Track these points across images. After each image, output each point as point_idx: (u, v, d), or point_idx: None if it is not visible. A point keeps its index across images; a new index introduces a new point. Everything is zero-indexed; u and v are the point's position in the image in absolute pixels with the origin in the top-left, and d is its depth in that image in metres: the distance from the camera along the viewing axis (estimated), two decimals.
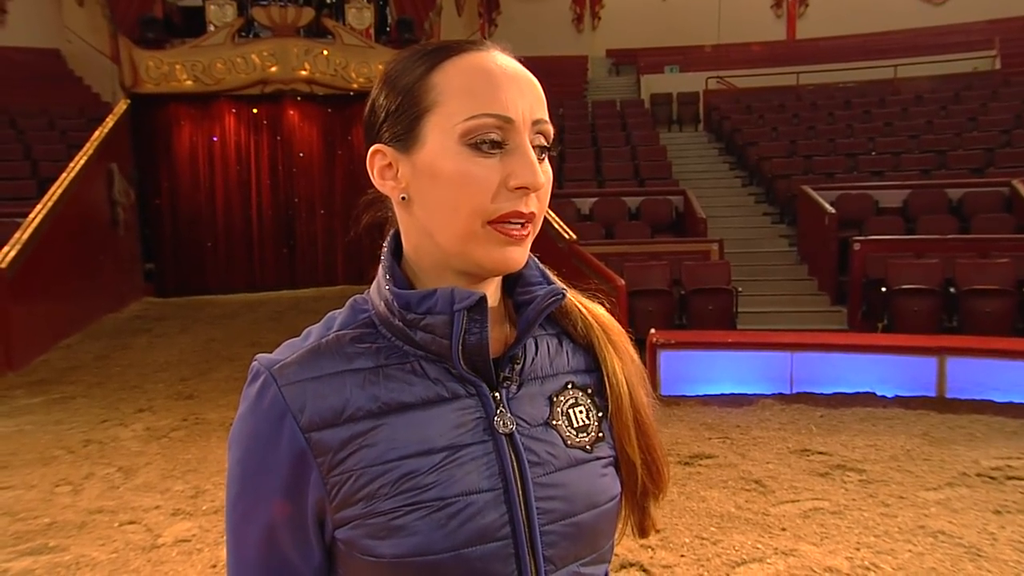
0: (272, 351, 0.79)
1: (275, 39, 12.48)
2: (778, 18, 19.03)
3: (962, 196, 9.87)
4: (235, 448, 0.76)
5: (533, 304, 0.80)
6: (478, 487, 0.73)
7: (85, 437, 5.48)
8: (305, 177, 13.13)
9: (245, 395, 0.77)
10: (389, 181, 0.78)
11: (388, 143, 0.77)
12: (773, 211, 11.43)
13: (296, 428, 0.73)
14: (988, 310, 7.38)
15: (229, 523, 0.77)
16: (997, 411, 5.57)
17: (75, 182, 9.63)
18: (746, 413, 5.76)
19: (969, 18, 17.07)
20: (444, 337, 0.75)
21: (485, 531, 0.72)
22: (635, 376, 0.86)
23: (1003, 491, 4.16)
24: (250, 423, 0.75)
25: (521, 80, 0.75)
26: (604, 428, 0.83)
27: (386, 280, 0.78)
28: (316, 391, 0.74)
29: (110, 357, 8.11)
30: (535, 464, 0.76)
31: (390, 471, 0.72)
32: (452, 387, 0.76)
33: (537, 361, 0.82)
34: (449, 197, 0.73)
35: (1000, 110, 12.60)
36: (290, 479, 0.73)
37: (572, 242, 8.32)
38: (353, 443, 0.73)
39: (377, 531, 0.71)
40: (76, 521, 4.01)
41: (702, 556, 3.47)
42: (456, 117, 0.73)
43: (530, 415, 0.79)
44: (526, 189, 0.73)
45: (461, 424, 0.75)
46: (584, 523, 0.78)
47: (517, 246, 0.75)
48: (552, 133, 0.77)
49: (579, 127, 14.04)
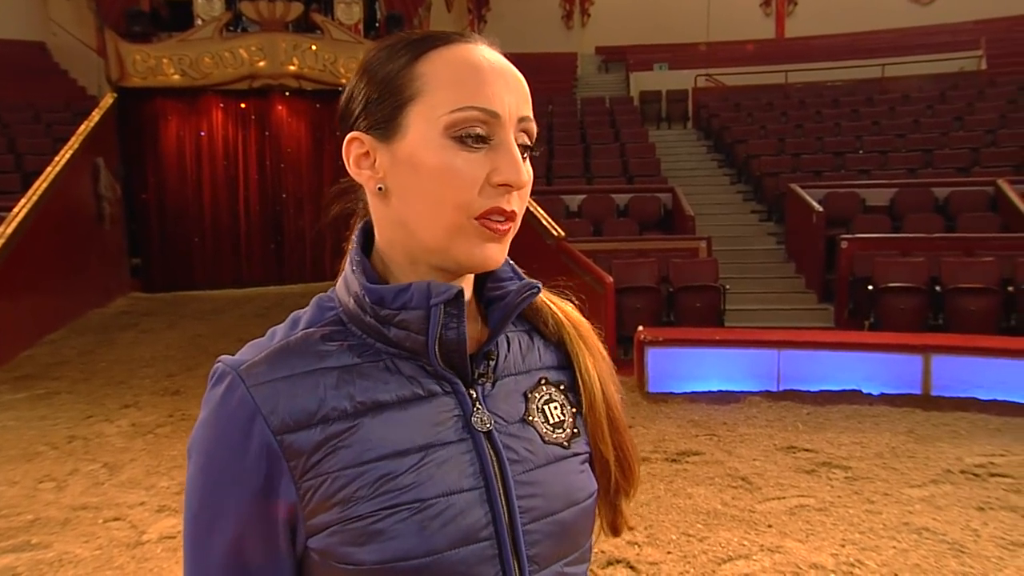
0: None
1: (263, 34, 12.41)
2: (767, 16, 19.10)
3: (948, 195, 9.94)
4: (197, 455, 0.72)
5: (507, 299, 0.78)
6: (459, 487, 0.71)
7: (69, 433, 5.44)
8: (293, 172, 13.07)
9: (208, 398, 0.73)
10: (366, 170, 0.75)
11: (366, 131, 0.75)
12: (761, 209, 11.47)
13: (267, 430, 0.69)
14: (973, 308, 7.44)
15: (189, 536, 0.72)
16: (981, 408, 5.62)
17: (60, 176, 9.54)
18: (733, 410, 5.78)
19: (956, 18, 17.20)
20: (420, 333, 0.72)
21: (467, 532, 0.70)
22: (606, 373, 0.85)
23: (986, 488, 4.19)
24: (215, 427, 0.71)
25: (508, 75, 0.74)
26: (579, 424, 0.81)
27: (356, 275, 0.75)
28: (287, 391, 0.70)
29: (95, 352, 8.06)
30: (515, 462, 0.74)
31: (367, 473, 0.69)
32: (428, 385, 0.74)
33: (510, 358, 0.80)
34: (431, 190, 0.71)
35: (986, 110, 12.70)
36: (260, 486, 0.69)
37: (560, 239, 8.32)
38: (328, 445, 0.69)
39: (355, 537, 0.68)
40: (59, 518, 3.98)
41: (688, 553, 3.48)
42: (441, 108, 0.71)
43: (506, 412, 0.77)
44: (509, 186, 0.71)
45: (439, 423, 0.73)
46: (565, 521, 0.76)
47: (498, 243, 0.73)
48: (535, 132, 0.75)
49: (568, 124, 14.04)
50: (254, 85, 12.37)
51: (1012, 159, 10.98)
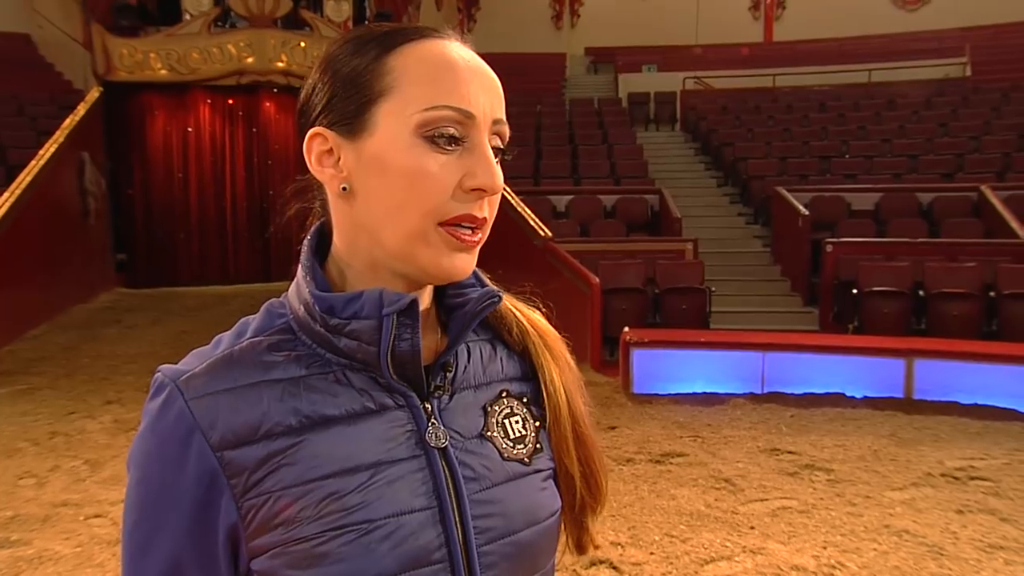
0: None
1: (252, 30, 12.34)
2: (756, 20, 19.20)
3: (932, 200, 10.03)
4: (135, 470, 0.68)
5: (467, 307, 0.74)
6: (410, 506, 0.67)
7: (51, 429, 5.40)
8: (281, 169, 13.00)
9: (146, 410, 0.69)
10: (328, 169, 0.71)
11: (330, 127, 0.70)
12: (748, 212, 11.53)
13: (206, 447, 0.65)
14: (956, 313, 7.51)
15: (126, 552, 0.69)
16: (962, 412, 5.67)
17: (44, 170, 9.46)
18: (717, 412, 5.81)
19: (942, 25, 17.36)
20: (371, 344, 0.68)
21: (418, 554, 0.66)
22: (573, 384, 0.81)
23: (966, 491, 4.23)
24: (152, 442, 0.67)
25: (484, 76, 0.70)
26: (542, 439, 0.77)
27: (306, 281, 0.71)
28: (229, 405, 0.66)
29: (78, 348, 7.99)
30: (470, 479, 0.71)
31: (312, 492, 0.65)
32: (379, 398, 0.70)
33: (470, 369, 0.76)
34: (398, 193, 0.67)
35: (970, 116, 12.82)
36: (198, 504, 0.66)
37: (547, 239, 8.33)
38: (271, 462, 0.66)
39: (299, 560, 0.64)
40: (40, 514, 3.95)
41: (671, 554, 3.50)
42: (413, 106, 0.67)
43: (463, 427, 0.73)
44: (482, 191, 0.68)
45: (390, 438, 0.69)
46: (523, 541, 0.72)
47: (467, 253, 0.69)
48: (508, 136, 0.72)
49: (556, 125, 14.05)
50: (242, 81, 12.31)
51: (995, 166, 11.10)
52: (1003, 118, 12.54)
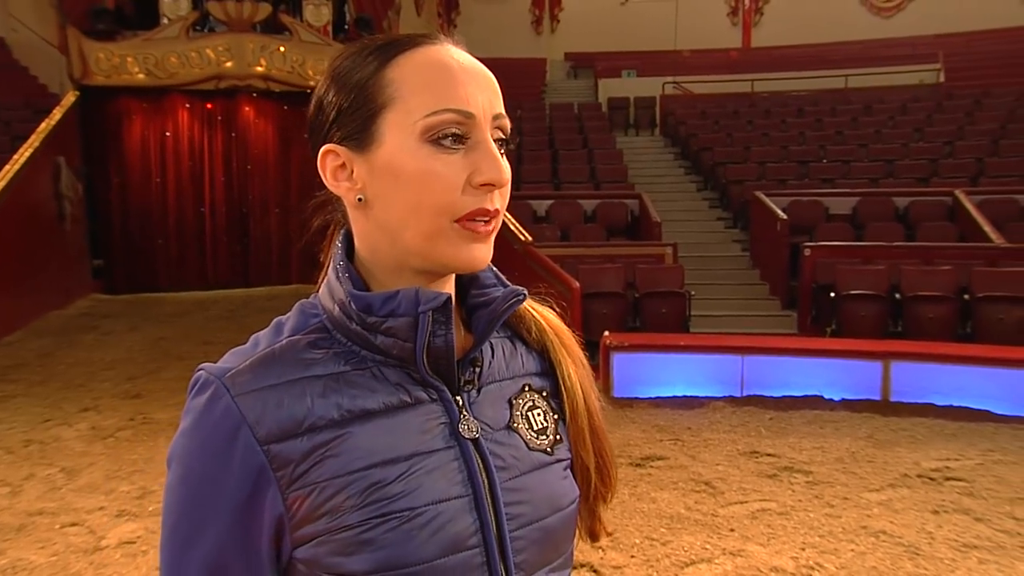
0: (223, 351, 0.75)
1: (230, 34, 12.28)
2: (734, 26, 19.36)
3: (908, 205, 10.14)
4: (178, 466, 0.70)
5: (492, 306, 0.78)
6: (447, 495, 0.71)
7: (26, 437, 5.33)
8: (260, 174, 12.94)
9: (190, 407, 0.71)
10: (344, 183, 0.74)
11: (341, 143, 0.74)
12: (727, 216, 11.60)
13: (253, 441, 0.68)
14: (931, 316, 7.60)
15: (166, 550, 0.70)
16: (938, 414, 5.74)
17: (19, 175, 9.36)
18: (697, 415, 5.84)
19: (916, 32, 17.59)
20: (408, 340, 0.72)
21: (456, 540, 0.70)
22: (587, 380, 0.86)
23: (941, 492, 4.29)
24: (197, 437, 0.69)
25: (479, 74, 0.73)
26: (561, 431, 0.82)
27: (342, 282, 0.74)
28: (274, 400, 0.69)
29: (54, 355, 7.90)
30: (501, 469, 0.75)
31: (356, 482, 0.68)
32: (415, 392, 0.74)
33: (495, 364, 0.81)
34: (412, 196, 0.70)
35: (944, 122, 12.98)
36: (244, 498, 0.68)
37: (528, 244, 8.35)
38: (316, 454, 0.68)
39: (344, 547, 0.67)
40: (14, 524, 3.90)
41: (652, 557, 3.51)
42: (416, 113, 0.70)
43: (492, 419, 0.77)
44: (491, 185, 0.71)
45: (426, 430, 0.73)
46: (550, 527, 0.77)
47: (483, 243, 0.73)
48: (509, 127, 0.75)
49: (536, 129, 14.08)
50: (221, 86, 12.24)
51: (969, 170, 11.24)
52: (976, 123, 12.72)
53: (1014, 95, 13.40)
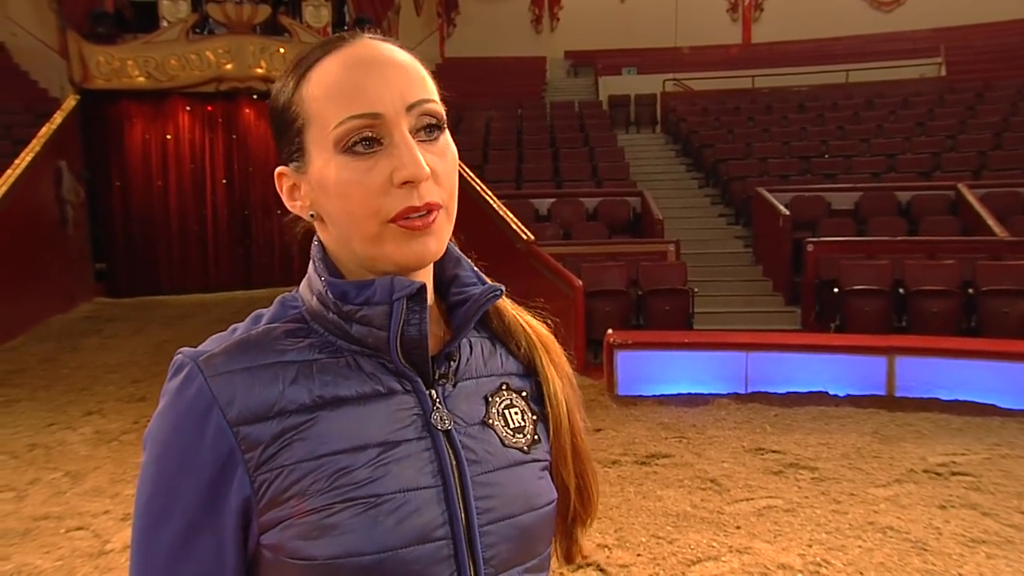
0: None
1: (230, 36, 12.28)
2: (734, 22, 19.31)
3: (911, 199, 10.12)
4: (152, 446, 0.72)
5: (470, 301, 0.78)
6: (416, 484, 0.71)
7: (30, 441, 5.33)
8: (261, 176, 12.93)
9: (166, 389, 0.72)
10: (296, 201, 0.77)
11: (286, 164, 0.76)
12: (729, 212, 11.58)
13: (223, 422, 0.69)
14: (935, 310, 7.58)
15: (138, 528, 0.71)
16: (943, 409, 5.72)
17: (21, 180, 9.36)
18: (702, 412, 5.83)
19: (916, 26, 17.52)
20: (382, 329, 0.73)
21: (423, 530, 0.70)
22: (574, 400, 0.85)
23: (948, 486, 4.27)
24: (171, 418, 0.71)
25: (386, 68, 0.72)
26: (540, 432, 0.81)
27: (319, 273, 0.76)
28: (246, 383, 0.70)
29: (58, 359, 7.90)
30: (473, 462, 0.74)
31: (323, 466, 0.69)
32: (388, 382, 0.74)
33: (472, 361, 0.80)
34: (342, 207, 0.72)
35: (946, 116, 12.96)
36: (213, 478, 0.69)
37: (530, 242, 8.34)
38: (284, 437, 0.69)
39: (308, 531, 0.67)
40: (19, 528, 3.90)
41: (658, 555, 3.50)
42: (327, 127, 0.71)
43: (466, 413, 0.77)
44: (411, 182, 0.70)
45: (397, 420, 0.73)
46: (523, 525, 0.76)
47: (425, 235, 0.72)
48: (440, 111, 0.74)
49: (537, 128, 14.06)
50: (221, 88, 12.24)
51: (971, 164, 11.22)
52: (978, 117, 12.69)
53: (1016, 88, 13.37)
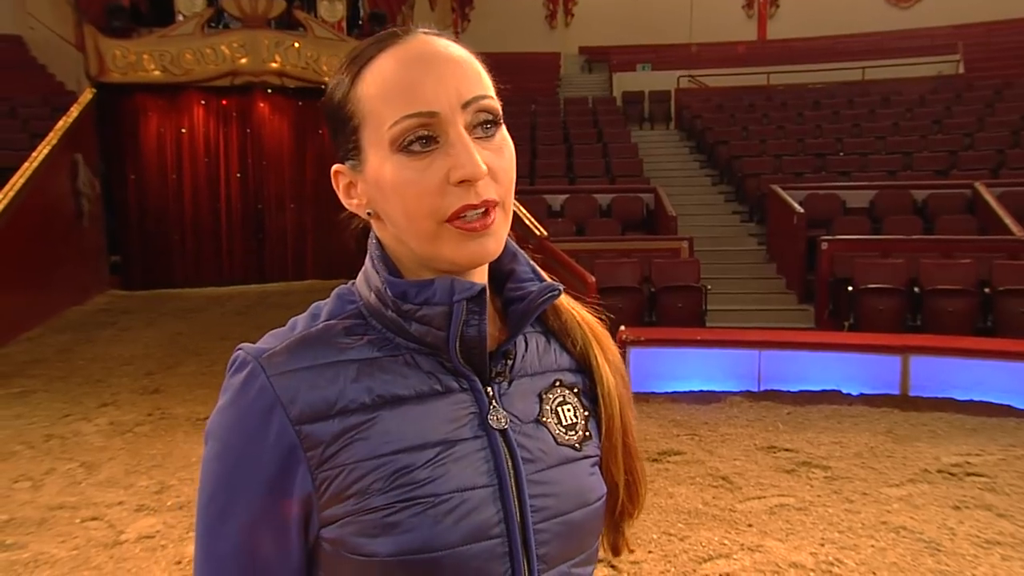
0: (238, 344, 0.76)
1: (245, 30, 12.32)
2: (749, 19, 19.22)
3: (927, 197, 10.04)
4: (214, 442, 0.72)
5: (527, 300, 0.78)
6: (473, 483, 0.72)
7: (46, 432, 5.38)
8: (275, 170, 12.99)
9: (227, 385, 0.73)
10: (354, 200, 0.77)
11: (343, 162, 0.77)
12: (743, 210, 11.53)
13: (286, 420, 0.70)
14: (951, 309, 7.52)
15: (202, 522, 0.73)
16: (958, 408, 5.68)
17: (38, 172, 9.43)
18: (714, 410, 5.81)
19: (934, 23, 17.40)
20: (441, 329, 0.73)
21: (479, 528, 0.71)
22: (626, 398, 0.85)
23: (962, 487, 4.24)
24: (233, 415, 0.72)
25: (442, 65, 0.71)
26: (591, 427, 0.82)
27: (378, 269, 0.76)
28: (308, 382, 0.71)
29: (73, 350, 7.97)
30: (528, 461, 0.75)
31: (384, 466, 0.70)
32: (446, 381, 0.75)
33: (527, 358, 0.81)
34: (398, 206, 0.72)
35: (963, 113, 12.84)
36: (276, 475, 0.70)
37: (543, 239, 8.33)
38: (346, 436, 0.70)
39: (369, 528, 0.69)
40: (35, 518, 3.94)
41: (669, 552, 3.50)
42: (383, 126, 0.71)
43: (521, 411, 0.77)
44: (468, 181, 0.70)
45: (455, 419, 0.73)
46: (575, 521, 0.77)
47: (484, 236, 0.72)
48: (496, 107, 0.73)
49: (551, 124, 14.05)
50: (236, 82, 12.29)
51: (989, 162, 11.12)
52: (996, 115, 12.57)
53: None
